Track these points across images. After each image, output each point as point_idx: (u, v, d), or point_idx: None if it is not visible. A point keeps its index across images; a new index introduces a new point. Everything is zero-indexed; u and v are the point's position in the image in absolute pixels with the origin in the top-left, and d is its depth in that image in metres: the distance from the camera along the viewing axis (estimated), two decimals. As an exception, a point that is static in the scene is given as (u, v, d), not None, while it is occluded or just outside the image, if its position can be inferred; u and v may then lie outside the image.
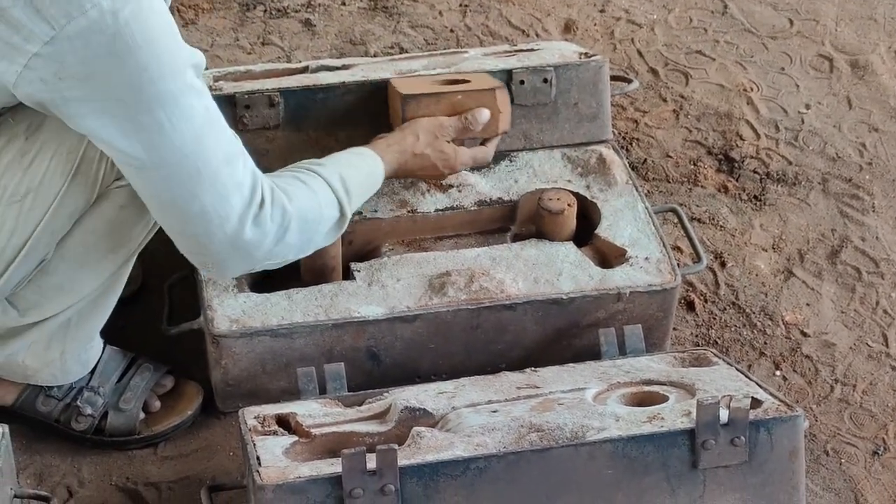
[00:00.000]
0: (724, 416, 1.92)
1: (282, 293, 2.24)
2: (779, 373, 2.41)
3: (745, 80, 2.96)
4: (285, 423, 2.04)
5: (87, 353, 2.19)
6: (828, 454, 2.28)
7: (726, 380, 2.07)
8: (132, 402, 2.23)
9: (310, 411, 2.06)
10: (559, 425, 1.95)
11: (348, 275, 2.30)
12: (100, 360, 2.23)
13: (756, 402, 1.98)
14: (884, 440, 2.30)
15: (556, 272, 2.28)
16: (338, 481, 1.86)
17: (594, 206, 2.41)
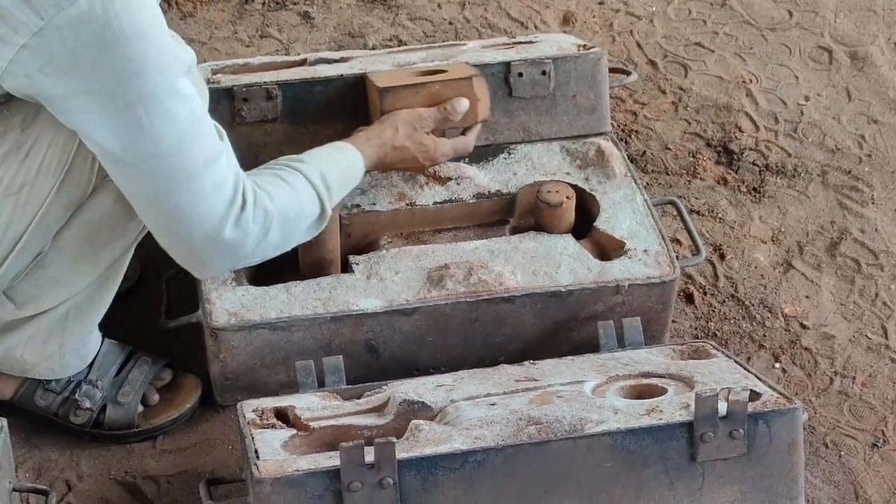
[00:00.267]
0: (722, 408, 1.91)
1: (280, 286, 2.23)
2: (778, 365, 2.41)
3: (745, 72, 2.95)
4: (284, 416, 2.04)
5: (86, 347, 2.19)
6: (827, 446, 2.28)
7: (725, 372, 2.07)
8: (130, 396, 2.23)
9: (308, 404, 2.06)
10: (558, 418, 1.95)
11: (347, 268, 2.29)
12: (98, 353, 2.22)
13: (755, 395, 1.97)
14: (883, 432, 2.30)
15: (554, 265, 2.28)
16: (336, 474, 1.86)
17: (593, 198, 2.41)
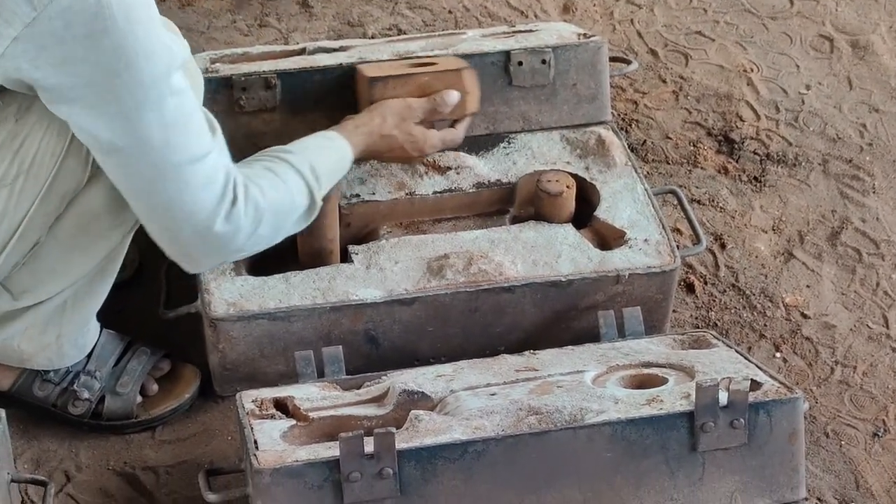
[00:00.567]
0: (723, 398, 1.91)
1: (279, 276, 2.23)
2: (779, 355, 2.40)
3: (745, 61, 2.94)
4: (283, 406, 2.04)
5: (84, 337, 2.19)
6: (828, 436, 2.27)
7: (726, 362, 2.06)
8: (129, 386, 2.22)
9: (308, 395, 2.06)
10: (558, 408, 1.94)
11: (346, 258, 2.29)
12: (96, 343, 2.22)
13: (756, 385, 1.97)
14: (884, 422, 2.30)
15: (554, 254, 2.27)
16: (335, 465, 1.85)
17: (593, 187, 2.40)
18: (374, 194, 2.37)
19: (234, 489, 1.98)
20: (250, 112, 2.39)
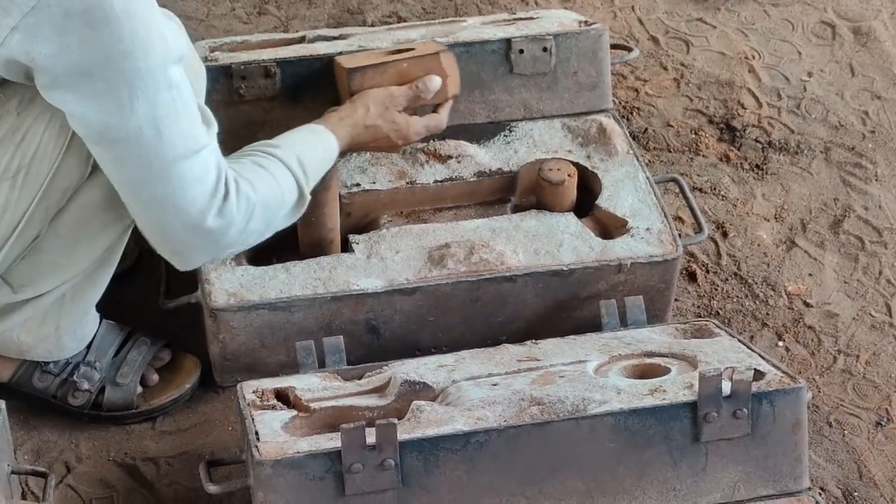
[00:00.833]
0: (726, 388, 1.90)
1: (280, 266, 2.22)
2: (781, 344, 2.39)
3: (747, 48, 2.93)
4: (284, 397, 2.03)
5: (83, 329, 2.18)
6: (831, 425, 2.27)
7: (728, 351, 2.06)
8: (129, 377, 2.22)
9: (309, 385, 2.05)
10: (560, 398, 1.94)
11: (347, 247, 2.28)
12: (96, 334, 2.21)
13: (759, 374, 1.96)
14: (887, 411, 2.29)
15: (556, 243, 2.26)
16: (337, 456, 1.85)
17: (595, 176, 2.39)
18: (374, 183, 2.36)
19: (235, 480, 1.97)
20: (250, 101, 2.38)
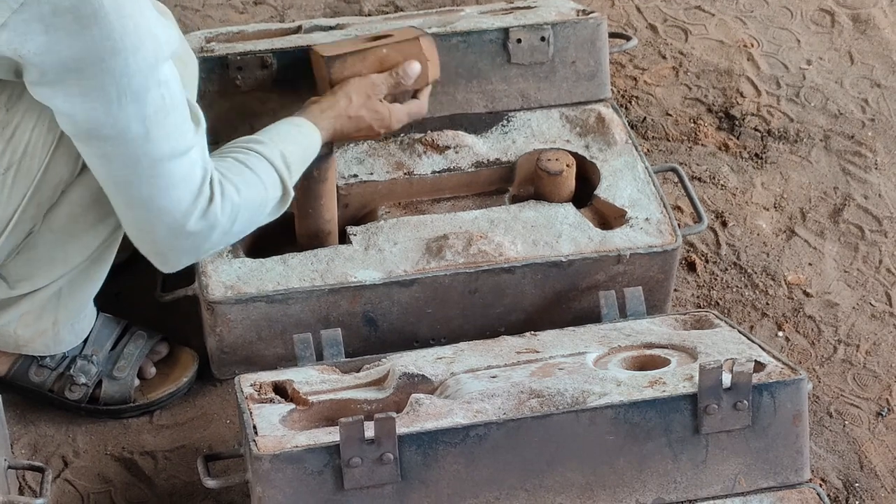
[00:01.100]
0: (726, 380, 1.90)
1: (277, 258, 2.21)
2: (781, 334, 2.38)
3: (746, 36, 2.92)
4: (282, 390, 2.02)
5: (80, 322, 2.17)
6: (831, 416, 2.26)
7: (728, 342, 2.05)
8: (126, 370, 2.21)
9: (307, 378, 2.04)
10: (560, 391, 1.93)
11: (344, 239, 2.27)
12: (93, 328, 2.20)
13: (759, 366, 1.95)
14: (888, 401, 2.28)
15: (555, 234, 2.25)
16: (336, 450, 1.84)
17: (593, 166, 2.38)
18: (372, 174, 2.35)
19: (233, 474, 1.97)
20: (246, 91, 2.37)
